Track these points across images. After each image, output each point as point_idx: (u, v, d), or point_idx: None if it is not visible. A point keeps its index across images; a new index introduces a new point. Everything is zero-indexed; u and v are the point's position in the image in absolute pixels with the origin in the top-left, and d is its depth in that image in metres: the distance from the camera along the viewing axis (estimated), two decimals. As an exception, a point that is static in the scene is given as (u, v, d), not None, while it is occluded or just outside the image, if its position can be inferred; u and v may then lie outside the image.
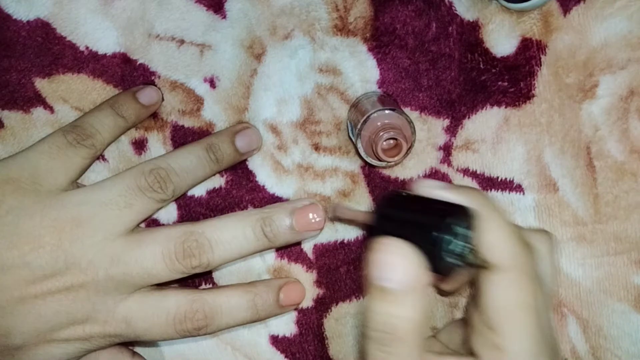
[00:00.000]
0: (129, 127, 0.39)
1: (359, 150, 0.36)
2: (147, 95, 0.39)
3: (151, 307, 0.35)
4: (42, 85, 0.40)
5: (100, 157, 0.40)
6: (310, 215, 0.37)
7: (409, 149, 0.35)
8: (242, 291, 0.37)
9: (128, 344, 0.40)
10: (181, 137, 0.40)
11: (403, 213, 0.29)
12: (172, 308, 0.35)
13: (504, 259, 0.29)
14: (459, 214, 0.28)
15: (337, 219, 0.35)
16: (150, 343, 0.42)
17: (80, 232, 0.34)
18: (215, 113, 0.40)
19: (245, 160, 0.40)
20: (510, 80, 0.39)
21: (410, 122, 0.35)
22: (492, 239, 0.29)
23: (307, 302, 0.41)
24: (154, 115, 0.40)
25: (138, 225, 0.36)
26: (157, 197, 0.36)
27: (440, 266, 0.27)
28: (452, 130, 0.39)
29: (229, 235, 0.36)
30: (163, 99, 0.40)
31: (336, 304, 0.41)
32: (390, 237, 0.28)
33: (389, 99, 0.38)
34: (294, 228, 0.36)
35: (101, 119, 0.38)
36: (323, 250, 0.41)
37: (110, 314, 0.35)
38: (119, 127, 0.39)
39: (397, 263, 0.27)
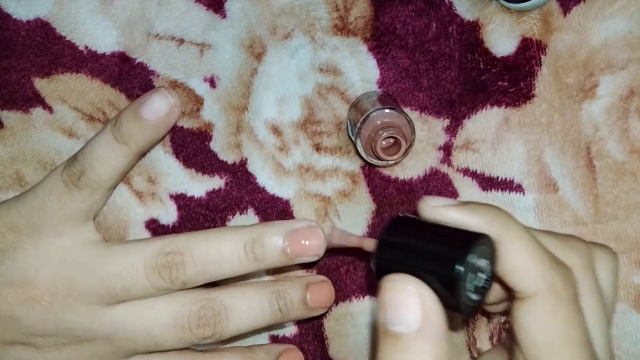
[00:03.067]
0: (137, 153, 0.35)
1: (359, 149, 0.36)
2: (151, 108, 0.34)
3: None
4: (41, 85, 0.40)
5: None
6: (326, 292, 0.36)
7: (409, 148, 0.35)
8: (241, 357, 0.36)
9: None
10: (180, 139, 0.40)
11: (412, 243, 0.26)
12: None
13: (533, 283, 0.25)
14: (478, 243, 0.25)
15: (332, 246, 0.33)
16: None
17: (72, 299, 0.33)
18: (214, 113, 0.40)
19: (245, 162, 0.40)
20: (510, 80, 0.39)
21: (409, 121, 0.35)
22: (518, 263, 0.25)
23: (307, 302, 0.41)
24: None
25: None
26: (161, 286, 0.33)
27: (460, 306, 0.25)
28: (452, 130, 0.39)
29: (246, 306, 0.34)
30: (178, 105, 0.35)
31: (336, 304, 0.41)
32: (400, 273, 0.24)
33: (389, 98, 0.38)
34: (308, 303, 0.36)
35: (97, 150, 0.34)
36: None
37: None
38: (120, 158, 0.34)
39: (409, 303, 0.24)
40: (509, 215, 0.26)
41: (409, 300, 0.24)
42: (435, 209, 0.26)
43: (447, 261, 0.24)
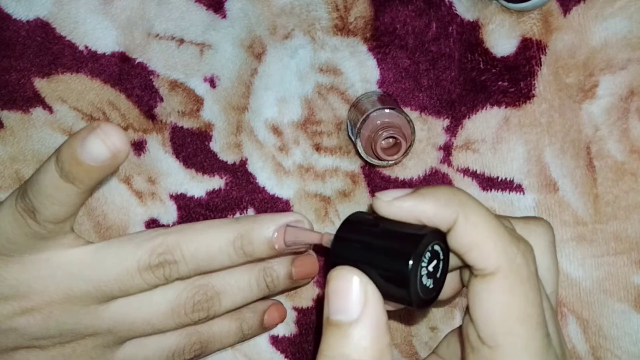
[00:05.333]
0: (89, 190, 0.31)
1: (359, 149, 0.36)
2: (90, 154, 0.29)
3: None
4: (41, 85, 0.40)
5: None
6: (310, 265, 0.37)
7: (409, 148, 0.35)
8: (230, 319, 0.38)
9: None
10: (180, 139, 0.40)
11: (364, 240, 0.26)
12: (172, 345, 0.36)
13: (493, 261, 0.24)
14: (428, 237, 0.25)
15: (290, 243, 0.33)
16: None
17: (70, 305, 0.33)
18: (214, 113, 0.40)
19: (245, 162, 0.40)
20: (510, 80, 0.39)
21: (409, 121, 0.35)
22: (477, 240, 0.25)
23: (307, 302, 0.41)
24: (152, 117, 0.40)
25: None
26: (156, 284, 0.34)
27: (413, 301, 0.25)
28: (452, 130, 0.39)
29: (235, 287, 0.36)
30: (121, 146, 0.29)
31: (336, 304, 0.41)
32: (344, 266, 0.25)
33: (388, 98, 0.38)
34: (293, 277, 0.37)
35: (44, 189, 0.30)
36: (323, 250, 0.41)
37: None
38: (71, 196, 0.31)
39: (350, 292, 0.24)
40: (465, 194, 0.26)
41: (351, 289, 0.24)
42: (388, 204, 0.26)
43: (397, 259, 0.25)
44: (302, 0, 0.39)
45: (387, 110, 0.35)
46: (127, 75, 0.40)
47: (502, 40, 0.39)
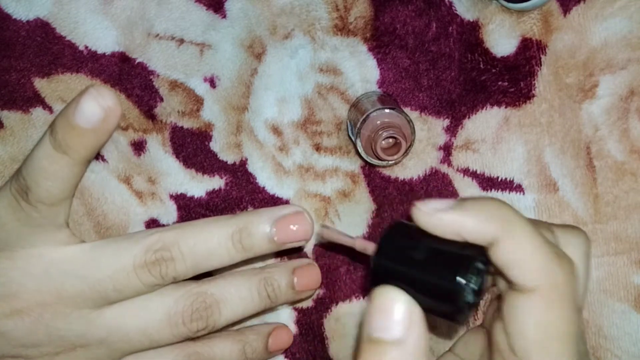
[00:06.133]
0: (82, 162, 0.31)
1: (359, 149, 0.36)
2: (84, 115, 0.29)
3: None
4: (41, 85, 0.40)
5: (100, 157, 0.40)
6: (312, 275, 0.37)
7: (409, 148, 0.35)
8: (232, 341, 0.36)
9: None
10: (180, 139, 0.40)
11: (408, 253, 0.26)
12: None
13: (535, 279, 0.24)
14: (474, 256, 0.25)
15: (325, 242, 0.32)
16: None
17: (62, 306, 0.32)
18: (214, 113, 0.40)
19: (245, 162, 0.40)
20: (510, 80, 0.39)
21: (409, 121, 0.35)
22: (519, 258, 0.25)
23: (307, 302, 0.41)
24: (152, 117, 0.40)
25: None
26: (152, 283, 0.33)
27: (460, 317, 0.25)
28: (452, 130, 0.39)
29: (236, 296, 0.34)
30: (113, 106, 0.30)
31: (336, 304, 0.41)
32: (392, 286, 0.25)
33: (388, 98, 0.38)
34: (295, 288, 0.36)
35: (37, 163, 0.30)
36: (323, 251, 0.41)
37: None
38: (64, 169, 0.30)
39: (396, 312, 0.24)
40: (509, 208, 0.26)
41: (397, 309, 0.24)
42: (429, 216, 0.26)
43: (445, 278, 0.25)
44: (302, 0, 0.39)
45: (387, 110, 0.35)
46: (127, 75, 0.40)
47: (502, 40, 0.39)
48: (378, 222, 0.40)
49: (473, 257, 0.25)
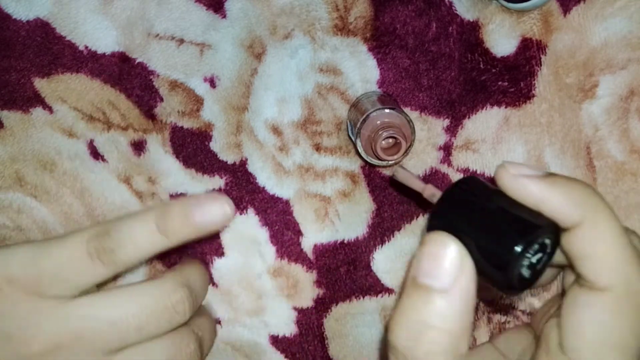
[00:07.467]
0: (170, 246, 0.32)
1: (359, 149, 0.36)
2: (207, 215, 0.31)
3: None
4: (41, 85, 0.40)
5: (100, 157, 0.40)
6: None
7: (409, 148, 0.35)
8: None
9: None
10: (180, 139, 0.40)
11: (474, 209, 0.24)
12: None
13: (610, 278, 0.23)
14: (544, 230, 0.23)
15: (395, 180, 0.30)
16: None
17: (78, 347, 0.31)
18: (214, 113, 0.40)
19: (245, 162, 0.40)
20: (510, 80, 0.39)
21: (409, 121, 0.35)
22: (598, 251, 0.23)
23: (307, 302, 0.41)
24: (152, 117, 0.40)
25: None
26: (171, 324, 0.32)
27: (511, 285, 0.24)
28: (452, 130, 0.39)
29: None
30: (232, 216, 0.32)
31: (336, 304, 0.41)
32: (446, 233, 0.24)
33: (388, 98, 0.38)
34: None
35: (134, 234, 0.31)
36: (323, 250, 0.41)
37: None
38: (155, 247, 0.32)
39: (447, 259, 0.23)
40: (600, 198, 0.24)
41: (448, 257, 0.23)
42: (514, 179, 0.24)
43: (505, 241, 0.23)
44: (302, 0, 0.39)
45: (387, 110, 0.35)
46: (127, 75, 0.40)
47: (502, 40, 0.39)
48: (378, 222, 0.40)
49: (543, 230, 0.23)
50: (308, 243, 0.41)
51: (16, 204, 0.41)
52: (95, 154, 0.40)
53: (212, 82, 0.40)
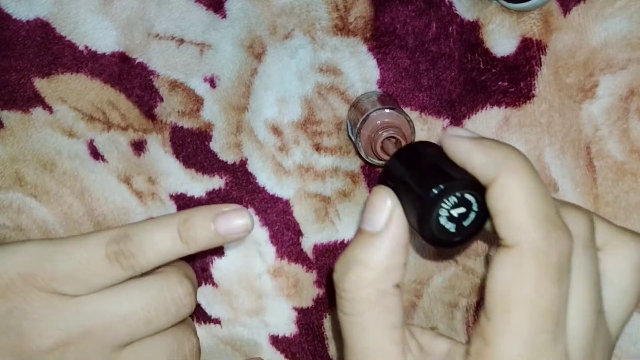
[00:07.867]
0: (188, 254, 0.33)
1: (359, 149, 0.36)
2: (229, 226, 0.33)
3: None
4: (41, 85, 0.40)
5: (100, 157, 0.40)
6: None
7: (409, 148, 0.35)
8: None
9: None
10: (180, 139, 0.40)
11: (413, 165, 0.28)
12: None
13: (514, 235, 0.23)
14: (458, 183, 0.25)
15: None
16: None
17: (87, 343, 0.31)
18: (214, 113, 0.40)
19: (245, 162, 0.40)
20: (510, 80, 0.39)
21: (409, 121, 0.35)
22: (509, 207, 0.24)
23: (307, 302, 0.41)
24: (152, 117, 0.40)
25: None
26: (177, 317, 0.33)
27: (425, 231, 0.26)
28: (452, 130, 0.39)
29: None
30: (252, 229, 0.33)
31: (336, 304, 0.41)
32: (385, 186, 0.27)
33: (388, 98, 0.38)
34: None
35: (156, 241, 0.32)
36: (323, 250, 0.41)
37: None
38: (175, 254, 0.33)
39: (380, 208, 0.27)
40: (520, 156, 0.25)
41: (381, 207, 0.27)
42: (449, 138, 0.26)
43: (424, 188, 0.26)
44: (302, 0, 0.39)
45: (387, 110, 0.35)
46: (127, 75, 0.40)
47: (502, 40, 0.39)
48: (378, 222, 0.40)
49: (458, 182, 0.26)
50: (308, 243, 0.41)
51: (16, 204, 0.41)
52: (95, 154, 0.40)
53: (212, 82, 0.40)
